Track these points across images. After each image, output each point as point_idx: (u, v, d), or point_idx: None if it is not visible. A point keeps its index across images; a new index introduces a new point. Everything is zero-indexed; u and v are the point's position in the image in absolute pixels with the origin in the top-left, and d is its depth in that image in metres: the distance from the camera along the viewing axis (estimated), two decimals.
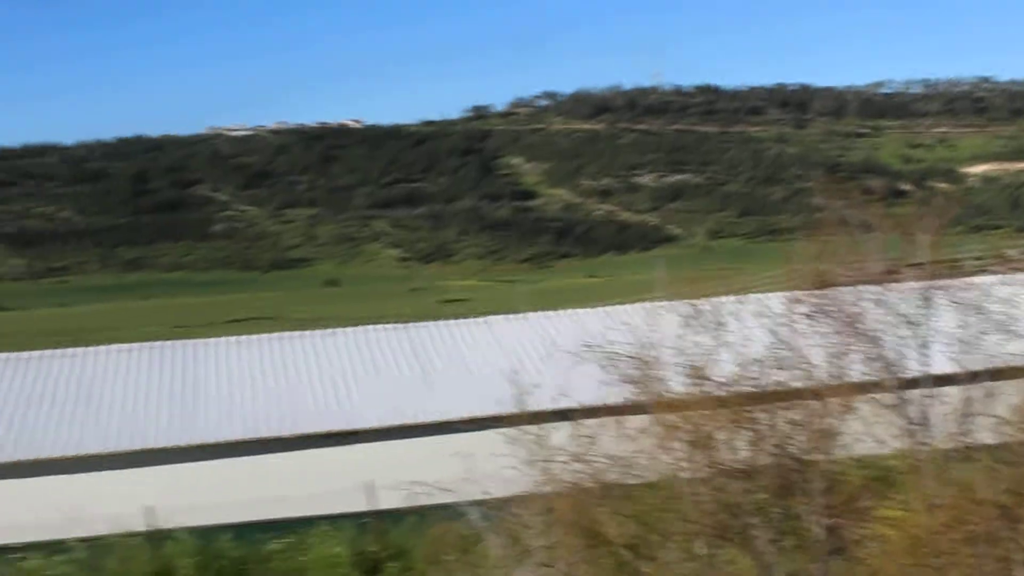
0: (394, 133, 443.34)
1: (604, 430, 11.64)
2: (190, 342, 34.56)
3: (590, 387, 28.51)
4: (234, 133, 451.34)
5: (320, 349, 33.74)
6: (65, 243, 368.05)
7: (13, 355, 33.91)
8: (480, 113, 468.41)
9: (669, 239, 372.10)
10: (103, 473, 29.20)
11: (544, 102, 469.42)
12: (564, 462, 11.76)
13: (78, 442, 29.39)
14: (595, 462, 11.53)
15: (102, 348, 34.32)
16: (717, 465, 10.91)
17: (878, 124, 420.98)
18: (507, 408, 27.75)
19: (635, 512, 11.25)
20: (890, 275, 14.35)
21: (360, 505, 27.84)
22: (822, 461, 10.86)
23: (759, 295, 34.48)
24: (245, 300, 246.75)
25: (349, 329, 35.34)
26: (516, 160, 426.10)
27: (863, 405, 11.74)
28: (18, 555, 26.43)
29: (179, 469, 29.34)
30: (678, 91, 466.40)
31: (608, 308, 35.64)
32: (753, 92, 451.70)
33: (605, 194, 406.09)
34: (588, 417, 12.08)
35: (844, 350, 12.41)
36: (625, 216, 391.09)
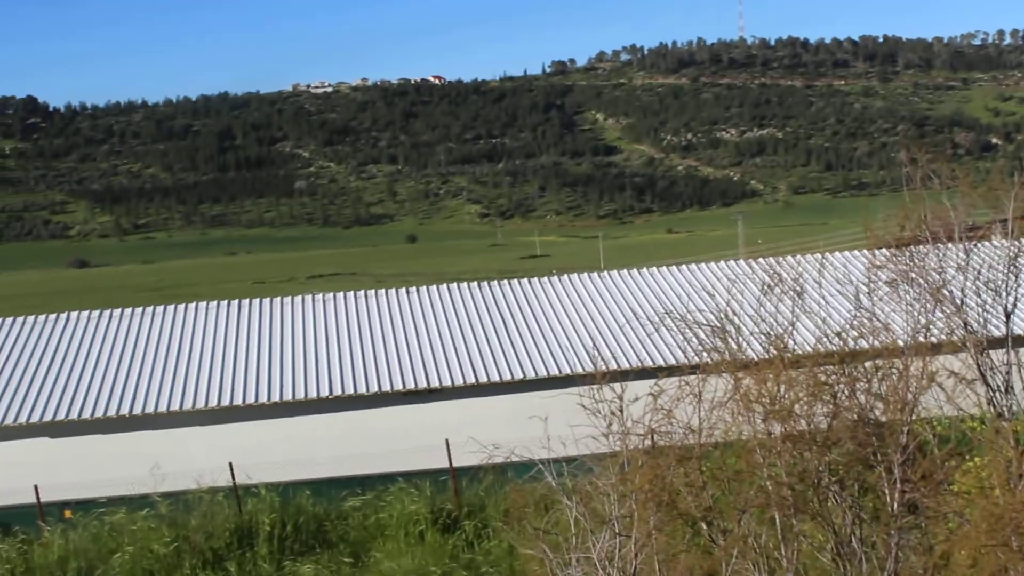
0: (475, 89, 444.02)
1: (681, 396, 11.48)
2: (273, 299, 34.81)
3: (668, 350, 28.40)
4: (317, 90, 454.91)
5: (400, 306, 33.84)
6: (150, 200, 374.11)
7: (100, 312, 34.37)
8: (561, 68, 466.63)
9: (751, 194, 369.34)
10: (186, 429, 29.57)
11: (626, 56, 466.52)
12: (640, 429, 11.63)
13: (162, 399, 29.77)
14: (672, 429, 11.39)
15: (186, 305, 34.67)
16: (794, 434, 10.72)
17: (968, 76, 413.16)
18: (585, 368, 27.79)
19: (711, 481, 11.11)
20: (976, 234, 14.02)
21: (438, 463, 27.94)
22: (901, 431, 10.64)
23: (840, 254, 34.18)
24: (327, 256, 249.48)
25: (429, 286, 35.40)
26: (597, 115, 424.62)
27: (944, 372, 11.47)
28: (103, 509, 26.89)
29: (260, 426, 29.63)
30: (762, 44, 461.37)
31: (688, 267, 35.38)
32: (839, 44, 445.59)
33: (687, 149, 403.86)
34: (666, 379, 11.92)
35: (926, 314, 12.14)
36: (707, 171, 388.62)
